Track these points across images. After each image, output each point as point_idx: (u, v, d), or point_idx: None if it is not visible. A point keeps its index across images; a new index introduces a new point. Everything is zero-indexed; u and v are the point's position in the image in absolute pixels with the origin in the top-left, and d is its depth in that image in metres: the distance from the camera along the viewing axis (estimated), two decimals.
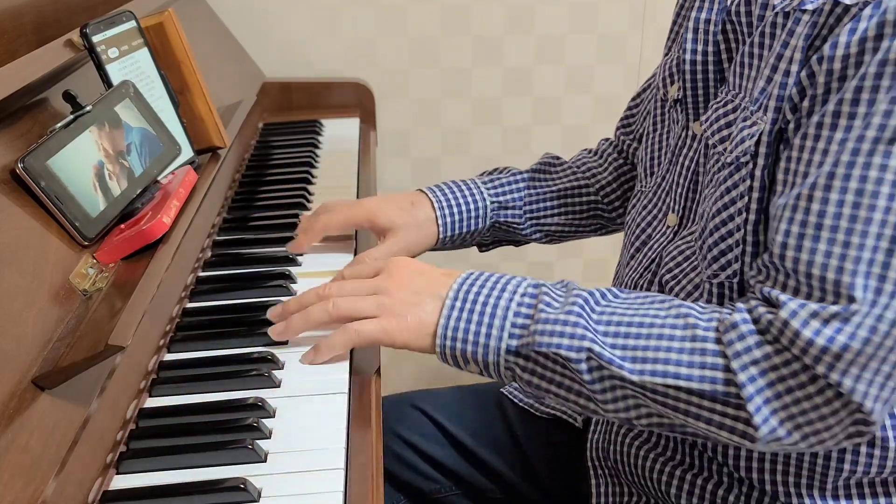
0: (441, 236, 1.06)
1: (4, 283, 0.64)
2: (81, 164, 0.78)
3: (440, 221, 1.06)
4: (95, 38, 0.88)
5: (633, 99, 1.12)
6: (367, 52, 1.68)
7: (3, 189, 0.71)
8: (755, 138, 0.74)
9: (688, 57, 0.85)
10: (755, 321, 0.69)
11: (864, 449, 0.77)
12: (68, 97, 0.81)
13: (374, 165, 1.44)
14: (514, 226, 1.11)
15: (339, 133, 1.50)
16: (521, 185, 1.11)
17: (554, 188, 1.11)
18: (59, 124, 0.78)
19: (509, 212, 1.10)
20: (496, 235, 1.12)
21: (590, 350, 0.72)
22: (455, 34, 1.70)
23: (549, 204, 1.11)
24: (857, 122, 0.66)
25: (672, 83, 0.91)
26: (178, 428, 0.72)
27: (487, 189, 1.09)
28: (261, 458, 0.69)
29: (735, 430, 0.70)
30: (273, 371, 0.79)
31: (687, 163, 0.86)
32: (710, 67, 0.84)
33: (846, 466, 0.78)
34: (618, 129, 1.14)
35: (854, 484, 0.79)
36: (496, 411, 1.08)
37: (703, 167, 0.83)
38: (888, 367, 0.66)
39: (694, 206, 0.86)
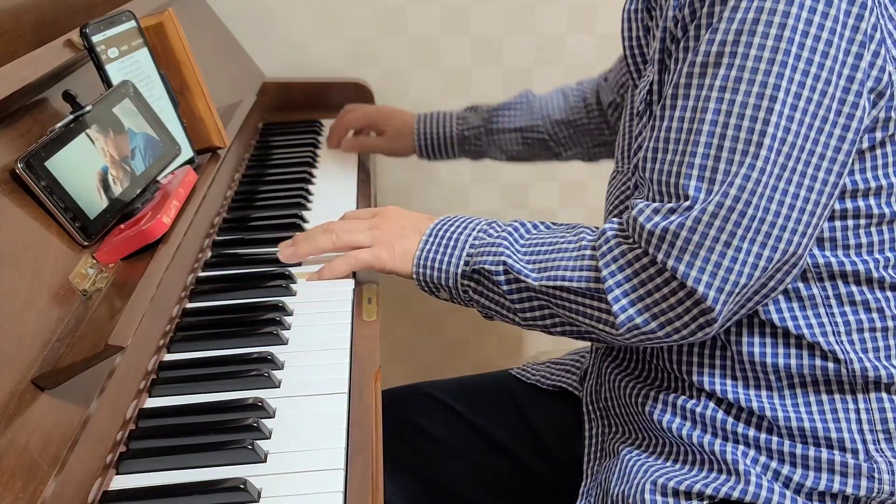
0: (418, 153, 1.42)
1: (4, 283, 0.64)
2: (81, 164, 0.78)
3: (416, 144, 1.40)
4: (95, 38, 0.88)
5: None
6: (367, 52, 1.68)
7: (3, 189, 0.71)
8: (647, 88, 0.86)
9: (625, 44, 0.94)
10: (620, 226, 0.82)
11: (792, 351, 0.83)
12: (68, 97, 0.81)
13: (374, 165, 1.44)
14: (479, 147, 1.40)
15: None
16: (485, 117, 1.40)
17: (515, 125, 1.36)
18: (58, 124, 0.78)
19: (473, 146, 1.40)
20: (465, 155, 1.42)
21: (505, 263, 0.87)
22: (455, 34, 1.69)
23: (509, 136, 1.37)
24: (689, 54, 0.78)
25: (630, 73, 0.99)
26: (178, 428, 0.72)
27: (459, 124, 1.41)
28: (261, 458, 0.69)
29: (602, 321, 0.82)
30: (273, 371, 0.79)
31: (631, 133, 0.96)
32: (642, 51, 0.93)
33: (781, 371, 0.84)
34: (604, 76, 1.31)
35: (797, 383, 0.84)
36: (504, 391, 1.11)
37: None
38: (716, 255, 0.76)
39: None
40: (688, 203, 0.76)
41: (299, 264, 1.01)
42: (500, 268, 0.87)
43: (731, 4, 0.75)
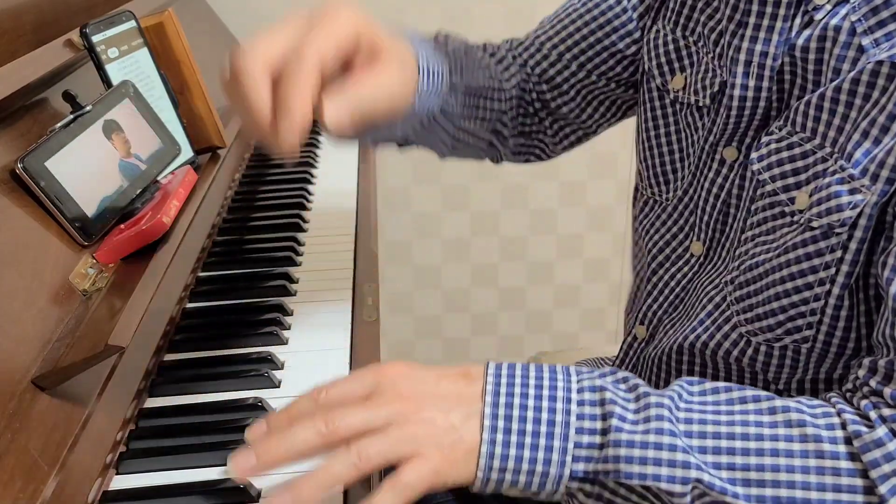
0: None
1: (4, 283, 0.64)
2: (81, 164, 0.78)
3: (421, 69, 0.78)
4: (95, 38, 0.88)
5: (579, 17, 0.95)
6: None
7: (2, 189, 0.71)
8: (858, 209, 0.64)
9: (737, 92, 0.76)
10: (884, 419, 0.59)
11: None
12: (68, 97, 0.81)
13: (374, 165, 1.43)
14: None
15: None
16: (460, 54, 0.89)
17: (475, 84, 0.90)
18: (58, 124, 0.78)
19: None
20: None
21: (698, 480, 0.58)
22: None
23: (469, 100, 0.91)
24: None
25: (673, 74, 0.84)
26: (178, 428, 0.72)
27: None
28: None
29: None
30: (273, 371, 0.79)
31: (715, 189, 0.79)
32: (763, 104, 0.76)
33: None
34: (555, 51, 0.97)
35: None
36: None
37: (738, 199, 0.77)
38: None
39: (723, 240, 0.80)
40: None
41: (299, 265, 1.00)
42: (689, 486, 0.59)
43: None
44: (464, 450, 0.60)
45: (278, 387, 0.78)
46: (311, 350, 0.84)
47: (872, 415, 0.60)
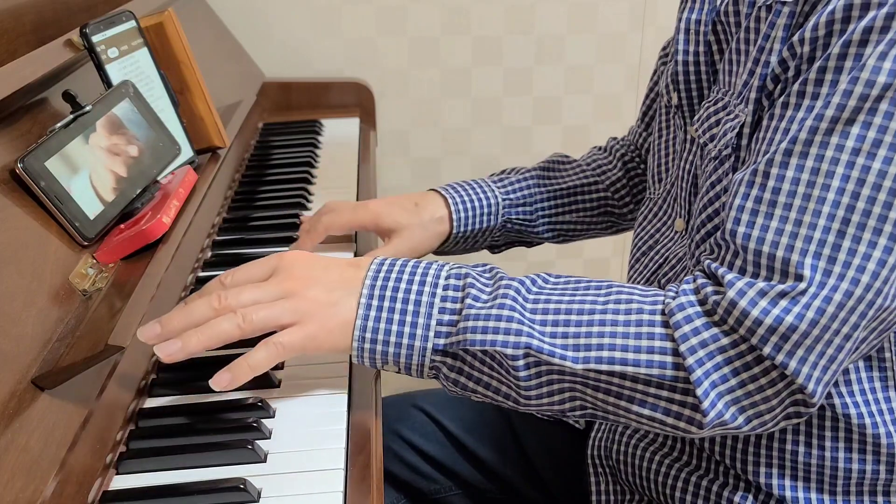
0: (455, 232, 1.04)
1: (4, 283, 0.64)
2: (81, 164, 0.78)
3: (454, 217, 1.03)
4: (95, 38, 0.88)
5: (648, 93, 1.12)
6: (367, 52, 1.68)
7: (2, 189, 0.71)
8: (736, 130, 0.74)
9: (680, 58, 0.84)
10: (701, 302, 0.68)
11: (869, 457, 0.77)
12: (68, 97, 0.81)
13: (374, 165, 1.43)
14: (526, 224, 1.10)
15: (339, 133, 1.50)
16: (532, 181, 1.10)
17: (564, 185, 1.10)
18: (58, 124, 0.78)
19: (521, 209, 1.09)
20: (508, 236, 1.11)
21: (528, 346, 0.68)
22: (455, 34, 1.69)
23: (560, 202, 1.10)
24: (818, 102, 0.65)
25: (673, 90, 0.90)
26: (178, 428, 0.72)
27: (498, 187, 1.08)
28: (261, 458, 0.69)
29: (682, 416, 0.68)
30: (273, 371, 0.79)
31: (687, 167, 0.85)
32: (702, 68, 0.84)
33: (854, 468, 0.78)
34: (638, 125, 1.14)
35: (867, 490, 0.79)
36: (496, 411, 1.08)
37: (700, 169, 0.83)
38: (832, 349, 0.65)
39: (693, 211, 0.86)
40: (803, 286, 0.64)
41: None
42: (521, 351, 0.68)
43: (878, 50, 0.63)
44: (340, 321, 0.71)
45: (278, 386, 0.78)
46: None
47: (687, 287, 0.69)
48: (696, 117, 0.83)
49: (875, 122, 0.63)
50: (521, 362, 0.69)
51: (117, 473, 0.68)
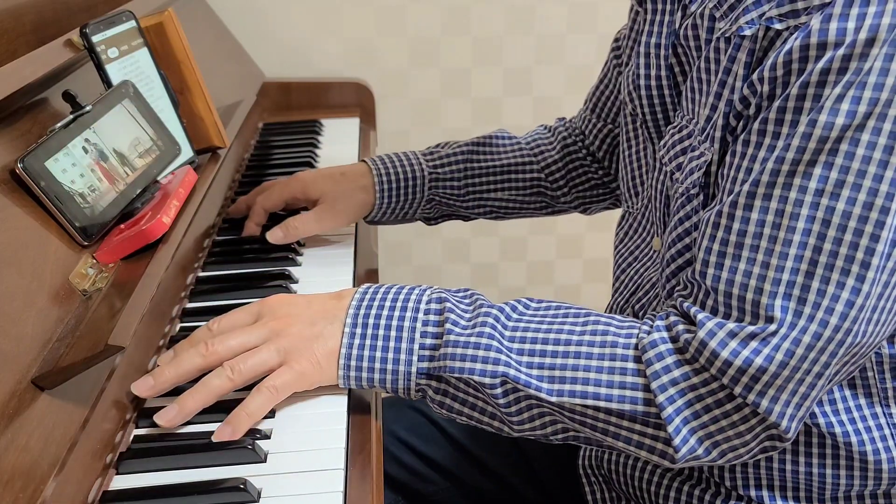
0: (378, 202, 1.07)
1: (4, 283, 0.64)
2: (81, 164, 0.78)
3: (377, 188, 1.07)
4: (95, 38, 0.88)
5: (598, 84, 1.11)
6: (367, 52, 1.68)
7: (2, 189, 0.71)
8: (703, 169, 0.74)
9: (642, 82, 0.84)
10: (673, 339, 0.69)
11: (857, 473, 0.77)
12: (68, 97, 0.81)
13: None
14: (454, 198, 1.11)
15: (339, 133, 1.50)
16: (462, 157, 1.11)
17: (497, 163, 1.11)
18: (58, 124, 0.78)
19: (448, 183, 1.10)
20: (440, 209, 1.12)
21: (505, 375, 0.70)
22: (455, 34, 1.69)
23: (491, 178, 1.11)
24: (779, 143, 0.65)
25: (638, 109, 0.90)
26: (178, 428, 0.72)
27: (427, 160, 1.10)
28: (261, 458, 0.69)
29: (654, 450, 0.70)
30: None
31: (658, 185, 0.85)
32: (665, 92, 0.84)
33: (842, 482, 0.78)
34: (586, 109, 1.14)
35: (854, 496, 0.79)
36: None
37: (672, 191, 0.82)
38: (804, 388, 0.66)
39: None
40: (773, 327, 0.65)
41: (299, 264, 1.01)
42: (498, 380, 0.70)
43: (835, 92, 0.63)
44: (326, 352, 0.72)
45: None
46: None
47: (660, 323, 0.70)
48: (662, 143, 0.82)
49: (837, 163, 0.63)
50: (499, 390, 0.71)
51: (117, 473, 0.68)
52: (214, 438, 0.69)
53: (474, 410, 0.74)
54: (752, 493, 0.80)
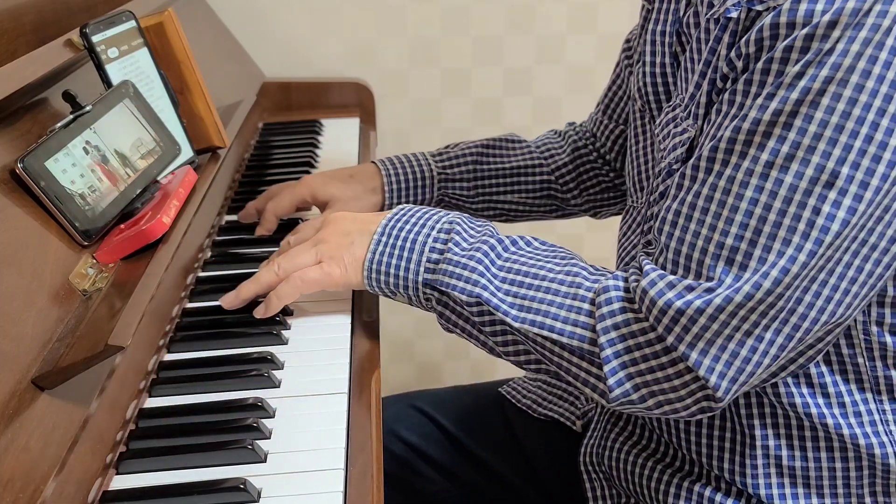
0: (388, 203, 1.09)
1: (4, 283, 0.64)
2: (81, 164, 0.78)
3: (387, 189, 1.09)
4: (95, 38, 0.88)
5: (610, 84, 1.12)
6: (367, 52, 1.68)
7: (2, 189, 0.71)
8: (685, 146, 0.76)
9: (647, 69, 0.87)
10: (626, 289, 0.73)
11: (852, 464, 0.78)
12: (68, 97, 0.81)
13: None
14: (463, 199, 1.12)
15: (339, 133, 1.50)
16: (472, 158, 1.11)
17: (507, 165, 1.12)
18: (58, 124, 0.78)
19: (457, 184, 1.11)
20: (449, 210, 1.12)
21: (479, 297, 0.77)
22: (455, 34, 1.69)
23: (501, 181, 1.12)
24: (739, 112, 0.68)
25: (644, 98, 0.91)
26: (178, 428, 0.72)
27: (436, 161, 1.11)
28: (261, 458, 0.69)
29: (595, 388, 0.74)
30: (273, 371, 0.79)
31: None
32: (669, 80, 0.86)
33: (838, 473, 0.78)
34: (597, 112, 1.14)
35: (854, 491, 0.79)
36: (495, 412, 1.08)
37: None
38: (733, 344, 0.69)
39: None
40: (710, 285, 0.68)
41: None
42: (473, 299, 0.78)
43: (795, 69, 0.65)
44: (353, 259, 0.84)
45: (278, 387, 0.78)
46: (311, 350, 0.84)
47: (620, 273, 0.75)
48: (657, 121, 0.84)
49: (788, 137, 0.66)
50: (475, 309, 0.78)
51: (117, 473, 0.68)
52: (255, 313, 0.85)
53: (467, 323, 0.81)
54: (750, 487, 0.80)
